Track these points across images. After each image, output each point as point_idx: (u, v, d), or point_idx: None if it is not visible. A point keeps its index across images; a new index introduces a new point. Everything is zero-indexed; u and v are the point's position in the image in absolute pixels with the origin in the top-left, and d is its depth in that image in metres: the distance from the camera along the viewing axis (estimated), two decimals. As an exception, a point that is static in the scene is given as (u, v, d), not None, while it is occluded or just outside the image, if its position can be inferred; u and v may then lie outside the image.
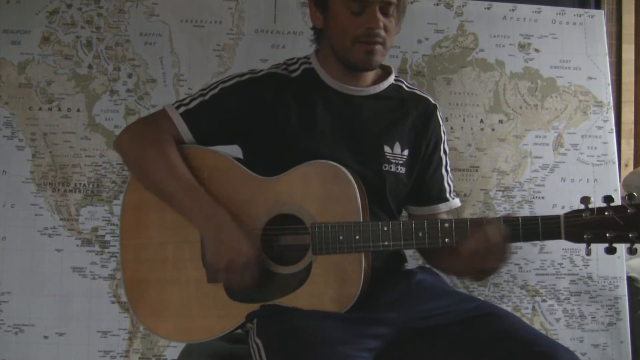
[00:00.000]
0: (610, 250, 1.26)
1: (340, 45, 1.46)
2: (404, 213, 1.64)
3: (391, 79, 1.57)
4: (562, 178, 2.34)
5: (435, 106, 1.59)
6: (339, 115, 1.49)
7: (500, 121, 2.33)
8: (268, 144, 1.48)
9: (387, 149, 1.49)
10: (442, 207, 1.58)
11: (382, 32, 1.42)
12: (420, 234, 1.34)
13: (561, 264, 2.31)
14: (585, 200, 1.26)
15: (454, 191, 1.62)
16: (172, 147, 1.44)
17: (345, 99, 1.51)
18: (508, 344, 1.25)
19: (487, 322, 1.31)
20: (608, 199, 1.25)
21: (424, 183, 1.57)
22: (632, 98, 2.59)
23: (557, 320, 2.29)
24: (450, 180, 1.61)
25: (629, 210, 1.23)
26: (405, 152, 1.51)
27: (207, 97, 1.49)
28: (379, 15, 1.41)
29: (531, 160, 2.33)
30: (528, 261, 2.30)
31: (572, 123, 2.36)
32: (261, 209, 1.41)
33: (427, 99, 1.60)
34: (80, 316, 2.11)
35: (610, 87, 2.38)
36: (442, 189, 1.59)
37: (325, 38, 1.51)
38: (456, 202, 1.61)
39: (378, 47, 1.43)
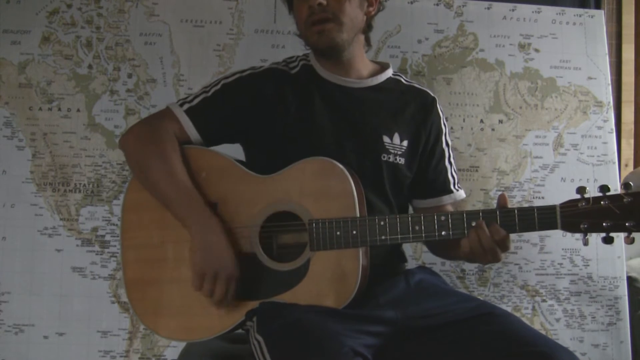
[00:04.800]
0: (608, 240, 1.25)
1: (302, 33, 1.51)
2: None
3: (389, 73, 1.59)
4: (562, 178, 2.34)
5: (434, 99, 1.60)
6: (338, 107, 1.51)
7: (500, 121, 2.33)
8: (269, 138, 1.49)
9: (386, 139, 1.50)
10: (447, 199, 1.60)
11: (328, 9, 1.43)
12: (417, 228, 1.34)
13: (561, 264, 2.31)
14: (581, 190, 1.25)
15: (458, 183, 1.63)
16: (174, 149, 1.45)
17: (343, 92, 1.53)
18: (507, 344, 1.25)
19: (486, 322, 1.31)
20: (604, 188, 1.24)
21: (428, 175, 1.58)
22: (632, 98, 2.59)
23: (557, 320, 2.29)
24: (455, 172, 1.62)
25: (625, 200, 1.22)
26: (405, 143, 1.52)
27: (209, 93, 1.52)
28: None
29: (531, 160, 2.33)
30: (528, 261, 2.30)
31: (572, 123, 2.36)
32: (259, 207, 1.41)
33: (426, 91, 1.62)
34: (80, 316, 2.11)
35: (610, 87, 2.38)
36: (447, 181, 1.60)
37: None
38: (461, 193, 1.62)
39: (328, 26, 1.45)
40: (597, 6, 2.51)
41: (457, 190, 1.61)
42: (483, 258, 1.33)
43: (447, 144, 1.61)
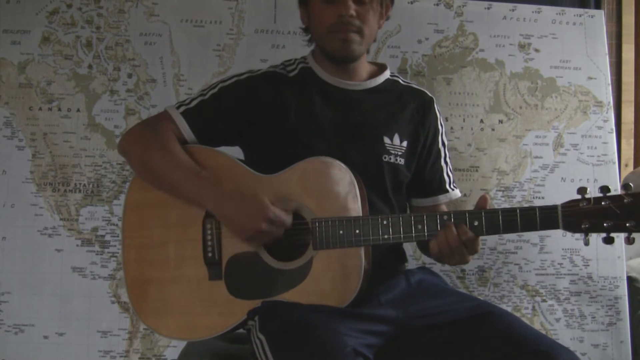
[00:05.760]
0: (608, 240, 1.26)
1: (319, 36, 1.51)
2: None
3: (387, 74, 1.61)
4: (562, 178, 2.34)
5: (432, 99, 1.62)
6: (338, 109, 1.52)
7: (500, 121, 2.33)
8: (268, 141, 1.50)
9: (386, 140, 1.52)
10: (442, 198, 1.62)
11: (356, 20, 1.45)
12: (420, 227, 1.35)
13: (561, 264, 2.31)
14: (582, 190, 1.26)
15: (454, 182, 1.64)
16: (174, 143, 1.46)
17: (342, 94, 1.54)
18: (507, 344, 1.25)
19: (486, 321, 1.32)
20: (604, 189, 1.25)
21: (424, 175, 1.59)
22: (632, 98, 2.59)
23: (557, 320, 2.29)
24: (450, 171, 1.64)
25: (625, 200, 1.22)
26: (404, 144, 1.54)
27: (207, 96, 1.53)
28: (351, 2, 1.44)
29: (531, 160, 2.33)
30: (528, 261, 2.30)
31: (572, 123, 2.36)
32: None
33: (423, 92, 1.64)
34: (80, 316, 2.11)
35: (610, 87, 2.38)
36: (442, 181, 1.61)
37: (311, 34, 1.56)
38: (456, 192, 1.64)
39: (353, 36, 1.46)
40: (597, 6, 2.52)
41: (453, 189, 1.63)
42: (451, 259, 1.35)
43: (444, 144, 1.63)
